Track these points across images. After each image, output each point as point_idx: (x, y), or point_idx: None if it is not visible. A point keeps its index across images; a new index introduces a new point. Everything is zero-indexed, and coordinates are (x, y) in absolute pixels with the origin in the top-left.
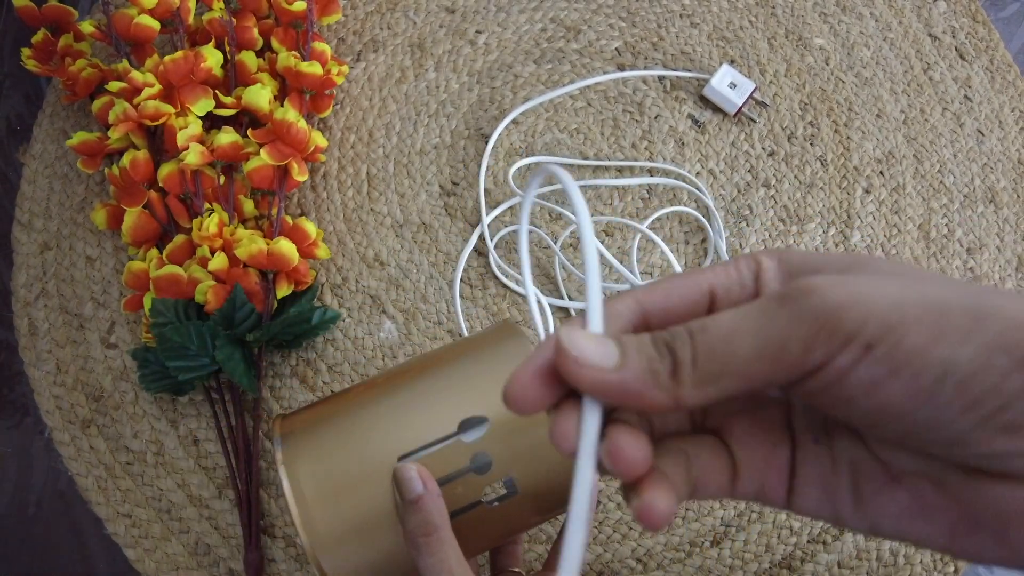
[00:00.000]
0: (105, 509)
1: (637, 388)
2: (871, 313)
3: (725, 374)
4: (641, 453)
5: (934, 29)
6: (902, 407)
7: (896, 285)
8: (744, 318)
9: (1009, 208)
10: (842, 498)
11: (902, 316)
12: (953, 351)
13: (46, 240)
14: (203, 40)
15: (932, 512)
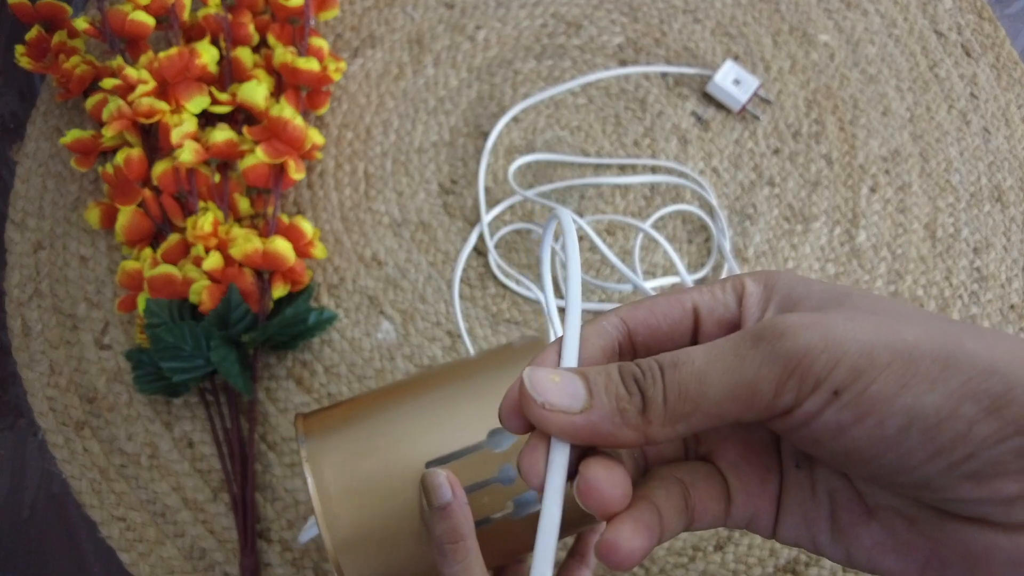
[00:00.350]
0: (99, 512)
1: (606, 429)
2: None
3: (696, 412)
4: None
5: (939, 26)
6: (868, 452)
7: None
8: (717, 357)
9: (1016, 207)
10: (820, 526)
11: (871, 362)
12: (918, 399)
13: (39, 239)
14: (198, 36)
15: (904, 548)
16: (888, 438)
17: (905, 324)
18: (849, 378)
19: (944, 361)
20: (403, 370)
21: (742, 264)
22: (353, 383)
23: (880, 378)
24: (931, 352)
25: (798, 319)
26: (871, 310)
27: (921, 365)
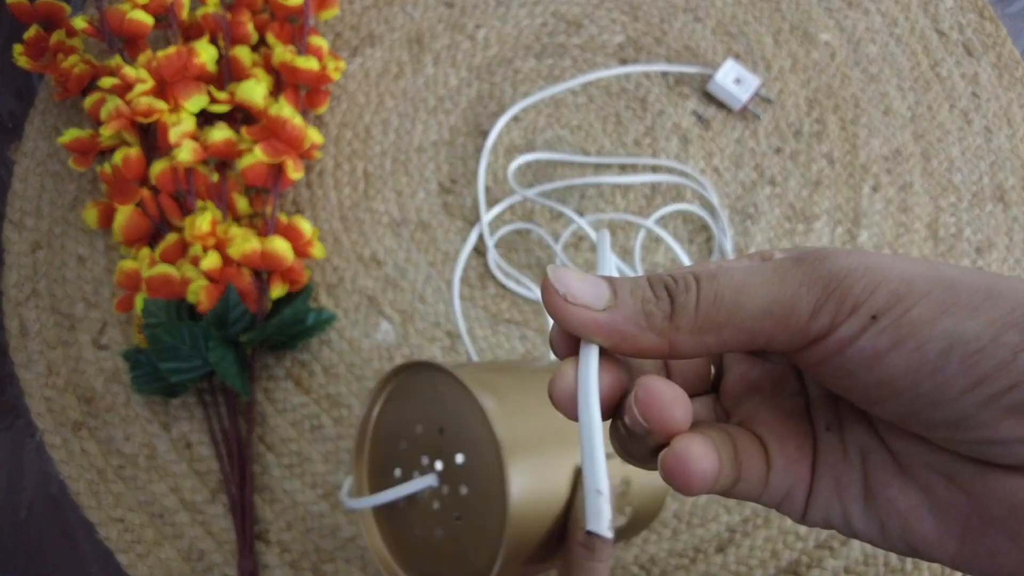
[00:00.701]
0: (97, 513)
1: (629, 329)
2: (880, 283)
3: (729, 324)
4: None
5: (941, 25)
6: (904, 382)
7: (909, 262)
8: (757, 272)
9: (1018, 207)
10: (852, 493)
11: (911, 288)
12: (960, 324)
13: (37, 239)
14: (197, 35)
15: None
16: (927, 364)
17: (942, 265)
18: (888, 303)
19: (986, 291)
20: None
21: None
22: (352, 384)
23: (920, 303)
24: (972, 283)
25: (840, 249)
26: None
27: (962, 294)
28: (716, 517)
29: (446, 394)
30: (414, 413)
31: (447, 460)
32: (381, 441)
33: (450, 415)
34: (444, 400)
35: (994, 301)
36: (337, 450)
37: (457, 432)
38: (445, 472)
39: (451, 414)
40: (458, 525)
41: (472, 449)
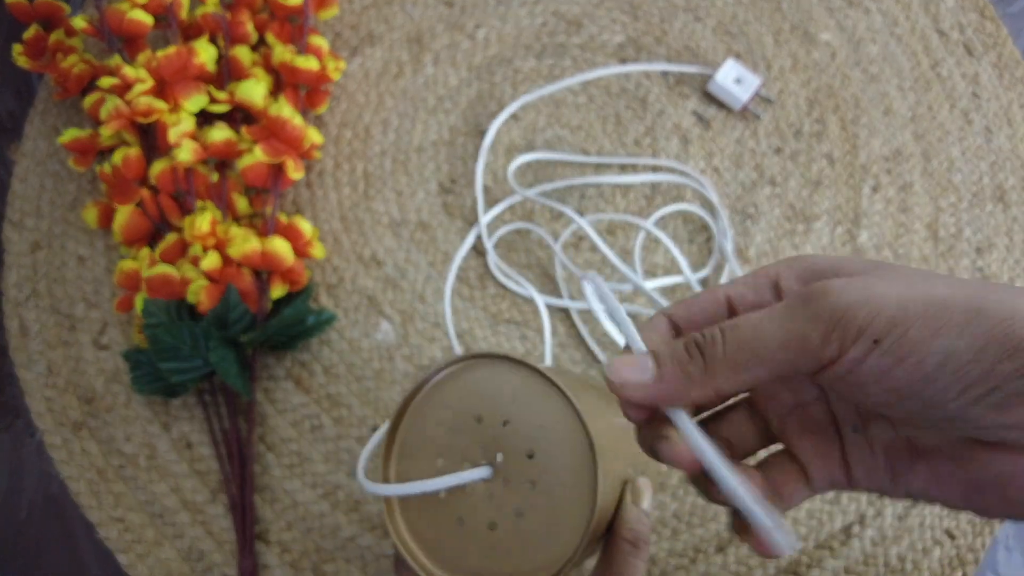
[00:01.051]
0: (97, 513)
1: (678, 390)
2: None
3: (754, 362)
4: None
5: (941, 25)
6: (908, 390)
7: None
8: (771, 315)
9: (1018, 207)
10: (881, 476)
11: (906, 313)
12: (951, 342)
13: (37, 239)
14: (196, 35)
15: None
16: (926, 376)
17: (936, 282)
18: (887, 328)
19: (973, 311)
20: (402, 371)
21: (743, 264)
22: (352, 384)
23: (915, 326)
24: (961, 303)
25: (841, 282)
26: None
27: (952, 314)
28: (716, 517)
29: (521, 389)
30: (474, 403)
31: (511, 454)
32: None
33: (522, 410)
34: (517, 395)
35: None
36: (337, 450)
37: (528, 427)
38: (506, 465)
39: (524, 409)
40: (518, 520)
41: (548, 446)
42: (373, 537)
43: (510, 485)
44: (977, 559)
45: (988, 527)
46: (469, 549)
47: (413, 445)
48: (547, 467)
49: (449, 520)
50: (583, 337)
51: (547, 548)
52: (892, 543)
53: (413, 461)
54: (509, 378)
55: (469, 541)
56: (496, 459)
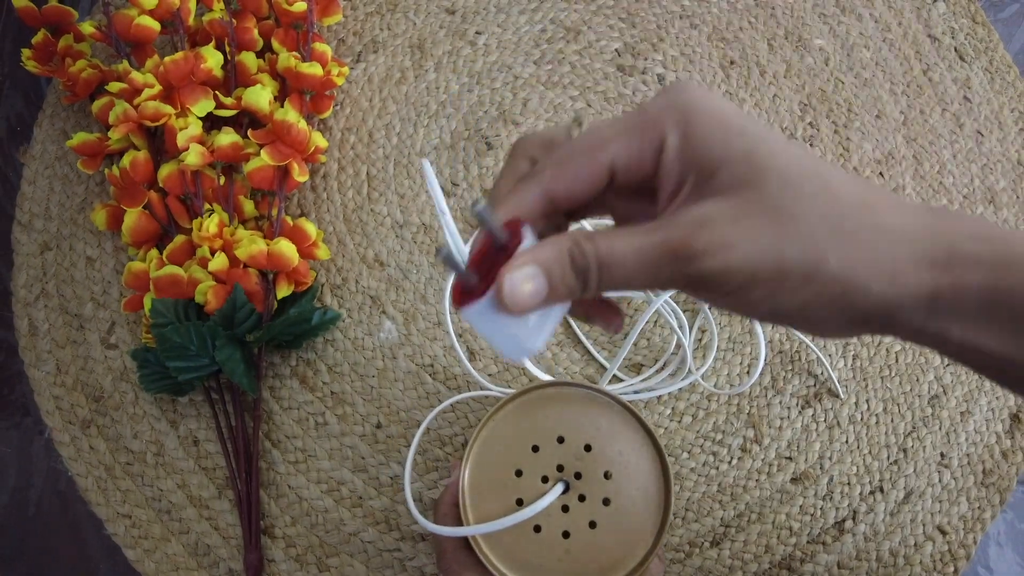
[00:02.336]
0: (105, 509)
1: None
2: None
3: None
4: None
5: (933, 30)
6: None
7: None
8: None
9: (1008, 209)
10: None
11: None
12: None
13: (46, 240)
14: (203, 41)
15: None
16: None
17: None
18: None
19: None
20: (405, 369)
21: None
22: (356, 382)
23: (758, 290)
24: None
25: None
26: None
27: (789, 280)
28: (711, 512)
29: (603, 416)
30: (560, 425)
31: (589, 473)
32: (504, 436)
33: (604, 435)
34: (601, 421)
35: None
36: (341, 447)
37: (609, 451)
38: (584, 482)
39: (606, 435)
40: (591, 531)
41: (625, 469)
42: (376, 532)
43: (586, 500)
44: (968, 554)
45: (980, 524)
46: (543, 553)
47: (491, 453)
48: (622, 487)
49: (527, 527)
50: (580, 337)
51: (616, 557)
52: (884, 538)
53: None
54: (592, 405)
55: (544, 546)
56: (573, 476)
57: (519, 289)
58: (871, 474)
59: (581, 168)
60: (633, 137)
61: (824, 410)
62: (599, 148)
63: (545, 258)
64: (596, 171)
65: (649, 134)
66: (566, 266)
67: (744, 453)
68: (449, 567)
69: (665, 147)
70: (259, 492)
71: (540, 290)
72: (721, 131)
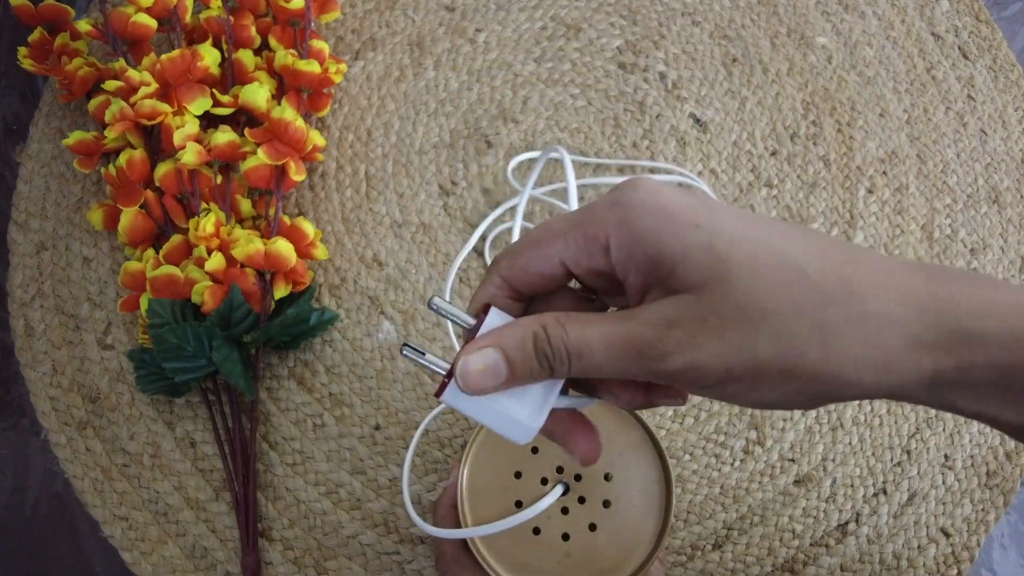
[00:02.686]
0: (102, 511)
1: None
2: (708, 375)
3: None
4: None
5: (937, 28)
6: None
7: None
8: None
9: (1013, 208)
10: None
11: (731, 376)
12: (763, 397)
13: (42, 240)
14: (200, 38)
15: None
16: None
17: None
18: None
19: (786, 373)
20: (404, 370)
21: None
22: (354, 383)
23: (736, 385)
24: (776, 367)
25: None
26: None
27: (767, 377)
28: (713, 515)
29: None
30: None
31: (589, 475)
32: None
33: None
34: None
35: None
36: (339, 448)
37: (610, 453)
38: (584, 484)
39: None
40: (590, 533)
41: (625, 471)
42: (375, 535)
43: (586, 502)
44: (972, 557)
45: (983, 526)
46: (543, 556)
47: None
48: (623, 489)
49: (526, 528)
50: None
51: (616, 560)
52: (888, 541)
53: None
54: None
55: (543, 549)
56: (573, 478)
57: (471, 370)
58: (874, 476)
59: (531, 261)
60: (577, 233)
61: (827, 411)
62: (547, 242)
63: (506, 341)
64: (546, 264)
65: (591, 230)
66: (528, 349)
67: (747, 455)
68: (448, 569)
69: (611, 245)
70: (256, 494)
71: (497, 372)
72: (670, 225)
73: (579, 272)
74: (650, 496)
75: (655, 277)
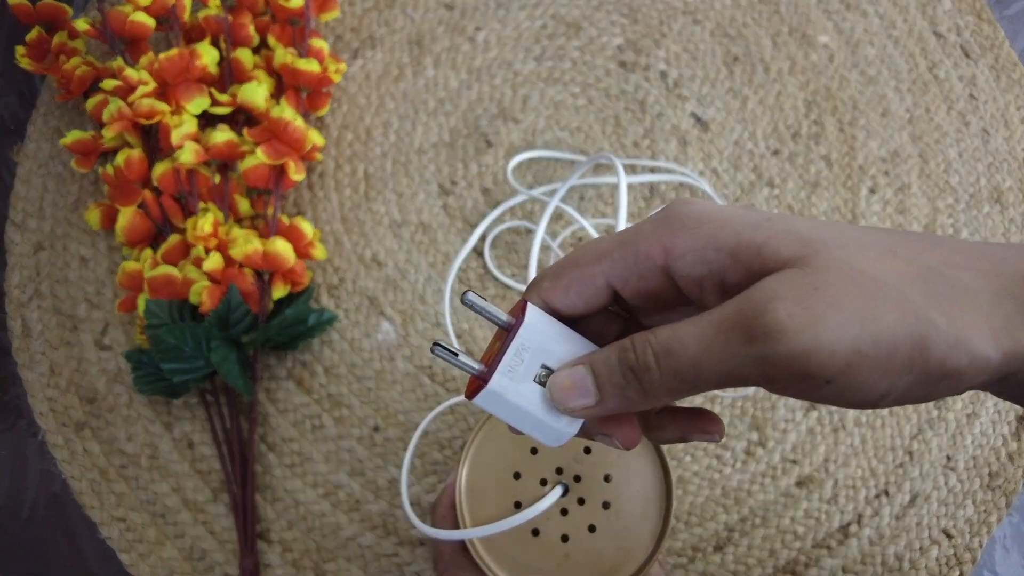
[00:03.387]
0: (99, 513)
1: (618, 410)
2: (833, 362)
3: (691, 389)
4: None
5: (939, 27)
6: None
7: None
8: (710, 349)
9: (1015, 208)
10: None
11: (860, 359)
12: (895, 381)
13: (40, 240)
14: (199, 37)
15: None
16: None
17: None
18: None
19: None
20: (403, 371)
21: None
22: (353, 384)
23: (866, 370)
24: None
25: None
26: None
27: (899, 356)
28: (714, 516)
29: None
30: None
31: (589, 476)
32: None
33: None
34: None
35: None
36: (338, 450)
37: (609, 455)
38: (584, 485)
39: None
40: (590, 535)
41: (625, 472)
42: (374, 536)
43: (585, 504)
44: (974, 558)
45: (986, 527)
46: (542, 557)
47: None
48: (622, 491)
49: (525, 530)
50: None
51: (616, 562)
52: (890, 542)
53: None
54: None
55: (542, 550)
56: (572, 479)
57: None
58: (876, 477)
59: (573, 281)
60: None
61: (829, 413)
62: (592, 262)
63: (594, 357)
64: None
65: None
66: (612, 361)
67: (748, 456)
68: (446, 570)
69: (673, 254)
70: (255, 496)
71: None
72: (738, 223)
73: (627, 293)
74: (650, 498)
75: (739, 270)
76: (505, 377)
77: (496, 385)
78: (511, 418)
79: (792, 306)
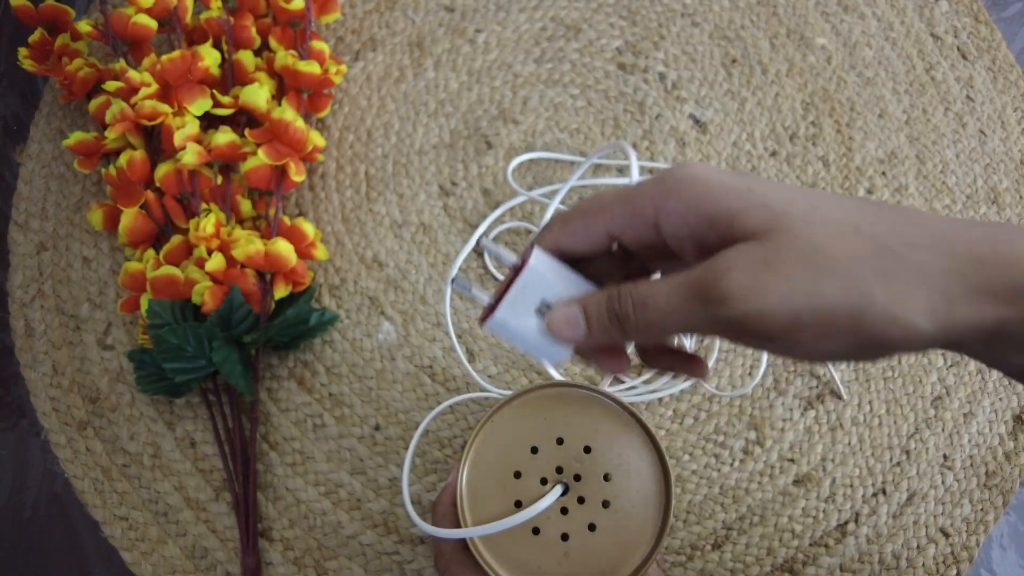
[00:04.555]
0: (102, 512)
1: (603, 344)
2: (774, 324)
3: (660, 335)
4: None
5: (936, 29)
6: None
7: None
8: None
9: (1012, 209)
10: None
11: (799, 324)
12: (832, 344)
13: (42, 241)
14: (200, 39)
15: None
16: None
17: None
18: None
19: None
20: (404, 371)
21: None
22: (354, 383)
23: (806, 335)
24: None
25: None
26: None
27: (836, 323)
28: (713, 515)
29: (604, 418)
30: (559, 427)
31: (589, 475)
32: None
33: (605, 439)
34: (601, 423)
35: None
36: (339, 449)
37: (610, 453)
38: (584, 484)
39: (607, 437)
40: (590, 533)
41: (625, 472)
42: (375, 535)
43: (585, 503)
44: (971, 557)
45: (983, 526)
46: (542, 556)
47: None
48: (622, 490)
49: (525, 529)
50: None
51: (616, 560)
52: (887, 541)
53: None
54: (592, 407)
55: (542, 549)
56: (572, 478)
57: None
58: (874, 476)
59: (579, 229)
60: (625, 207)
61: (827, 412)
62: (596, 213)
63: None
64: (594, 233)
65: (638, 205)
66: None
67: (746, 455)
68: (447, 568)
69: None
70: (256, 494)
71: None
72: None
73: (625, 241)
74: (649, 497)
75: (714, 236)
76: (510, 308)
77: (501, 315)
78: (516, 342)
79: (743, 276)
